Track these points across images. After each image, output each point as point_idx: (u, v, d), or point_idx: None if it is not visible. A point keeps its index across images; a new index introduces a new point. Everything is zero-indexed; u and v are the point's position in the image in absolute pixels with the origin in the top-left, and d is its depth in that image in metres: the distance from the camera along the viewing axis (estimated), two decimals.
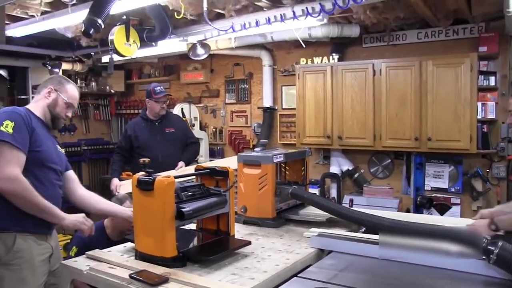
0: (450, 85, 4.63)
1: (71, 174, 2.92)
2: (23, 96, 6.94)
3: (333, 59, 5.64)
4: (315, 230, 2.60)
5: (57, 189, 2.71)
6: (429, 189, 5.16)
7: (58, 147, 2.82)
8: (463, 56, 4.60)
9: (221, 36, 5.72)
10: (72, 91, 2.78)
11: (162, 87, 4.82)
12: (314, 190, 4.99)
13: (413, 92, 4.83)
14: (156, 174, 2.16)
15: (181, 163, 4.63)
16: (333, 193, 5.63)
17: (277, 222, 2.92)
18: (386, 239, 2.22)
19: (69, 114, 2.80)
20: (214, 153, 7.04)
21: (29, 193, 2.43)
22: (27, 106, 2.72)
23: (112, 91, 8.14)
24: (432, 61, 4.72)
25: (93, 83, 8.04)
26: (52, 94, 2.73)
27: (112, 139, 8.31)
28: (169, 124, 4.89)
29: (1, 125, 2.42)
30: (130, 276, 1.96)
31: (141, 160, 2.22)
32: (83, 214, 2.64)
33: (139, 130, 4.82)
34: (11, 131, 2.42)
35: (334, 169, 5.75)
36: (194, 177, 2.60)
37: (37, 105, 2.73)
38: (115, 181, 4.77)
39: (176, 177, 2.18)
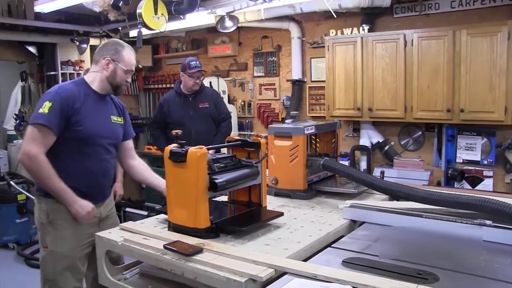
0: (485, 55, 4.49)
1: (126, 144, 3.00)
2: (52, 73, 7.02)
3: (363, 30, 5.53)
4: (350, 202, 2.60)
5: (105, 164, 2.80)
6: (461, 161, 5.07)
7: (114, 118, 2.86)
8: (500, 24, 4.44)
9: (250, 8, 5.68)
10: (129, 56, 2.77)
11: (197, 62, 4.76)
12: (344, 163, 4.96)
13: (445, 62, 4.71)
14: (188, 146, 2.17)
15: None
16: (363, 165, 5.58)
17: (308, 193, 2.93)
18: None
19: (129, 80, 2.83)
20: (243, 127, 7.05)
21: (44, 174, 2.53)
22: (85, 77, 2.79)
23: (140, 66, 8.15)
24: (467, 30, 4.57)
25: None
26: (111, 65, 2.73)
27: (140, 114, 8.38)
28: (202, 98, 4.86)
29: (41, 106, 2.54)
30: (164, 247, 1.99)
31: (173, 132, 2.24)
32: (92, 206, 2.68)
33: (172, 105, 4.80)
34: (47, 111, 2.51)
35: (364, 141, 5.70)
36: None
37: (95, 77, 2.77)
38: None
39: (208, 148, 2.19)
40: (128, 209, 6.59)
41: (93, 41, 7.05)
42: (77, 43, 6.83)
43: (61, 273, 2.65)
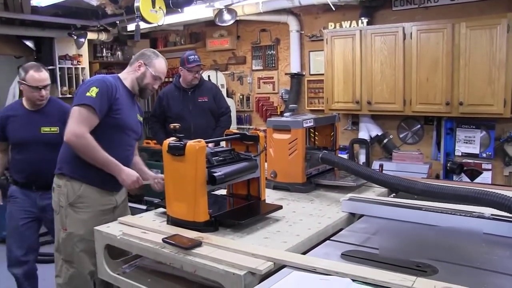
0: (485, 48, 4.48)
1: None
2: (50, 67, 6.98)
3: (362, 23, 5.51)
4: (349, 195, 2.59)
5: (127, 153, 2.94)
6: (460, 154, 5.07)
7: (139, 116, 3.05)
8: (499, 16, 4.43)
9: (248, 1, 5.66)
10: (160, 65, 2.99)
11: (196, 56, 4.73)
12: (343, 156, 4.95)
13: (444, 55, 4.70)
14: (186, 140, 2.17)
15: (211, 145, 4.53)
16: (362, 158, 5.58)
17: (307, 187, 2.93)
18: None
19: (156, 86, 3.01)
20: (241, 120, 7.04)
21: (90, 149, 2.67)
22: (120, 75, 2.98)
23: None
24: (466, 23, 4.56)
25: (119, 53, 8.05)
26: (142, 68, 2.94)
27: None
28: (202, 92, 4.84)
29: (88, 90, 2.69)
30: (163, 240, 1.99)
31: (171, 125, 2.23)
32: (136, 175, 2.81)
33: (172, 99, 4.77)
34: (94, 95, 2.67)
35: (362, 134, 5.69)
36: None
37: (128, 76, 2.97)
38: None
39: (206, 142, 2.18)
40: None
41: (90, 35, 7.03)
42: (75, 37, 6.81)
43: (79, 254, 2.75)
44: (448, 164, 5.02)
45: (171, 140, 2.19)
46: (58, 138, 3.16)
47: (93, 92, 2.68)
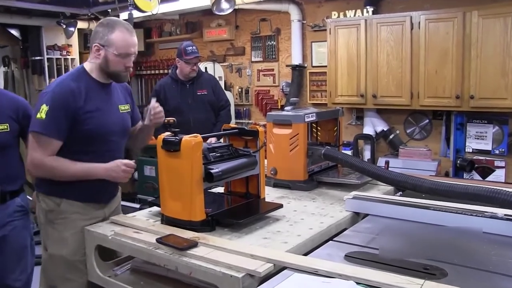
0: (498, 38, 4.46)
1: (134, 129, 2.85)
2: (37, 57, 6.99)
3: (367, 12, 5.49)
4: (353, 193, 2.60)
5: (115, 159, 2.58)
6: (470, 151, 5.07)
7: (122, 107, 2.67)
8: None
9: None
10: (120, 38, 2.46)
11: (194, 47, 4.71)
12: (347, 152, 4.96)
13: (455, 46, 4.69)
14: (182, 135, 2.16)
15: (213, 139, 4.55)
16: (367, 155, 5.59)
17: (309, 184, 2.93)
18: None
19: (129, 64, 2.53)
20: (240, 114, 7.04)
21: (56, 172, 2.42)
22: (85, 65, 2.59)
23: None
24: (478, 11, 4.54)
25: None
26: (100, 51, 2.49)
27: None
28: (201, 85, 4.83)
29: (38, 110, 2.37)
30: (157, 241, 1.99)
31: (166, 119, 2.23)
32: (122, 162, 2.46)
33: (169, 92, 4.74)
34: (43, 116, 2.34)
35: (367, 130, 5.69)
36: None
37: (92, 65, 2.56)
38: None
39: (203, 137, 2.18)
40: None
41: (81, 24, 7.01)
42: (64, 26, 6.79)
43: (63, 278, 2.48)
44: (458, 161, 5.02)
45: (165, 135, 2.18)
46: (7, 137, 2.90)
47: (42, 112, 2.34)
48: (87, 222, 2.49)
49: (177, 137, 2.12)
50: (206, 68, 6.59)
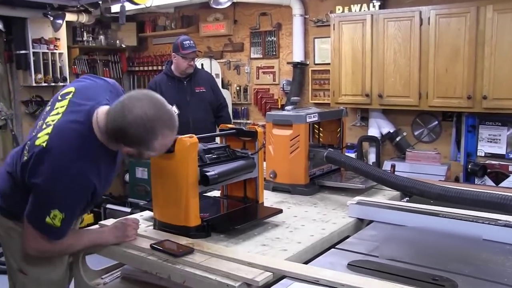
0: None
1: None
2: (22, 51, 6.94)
3: (374, 6, 5.50)
4: (356, 198, 2.60)
5: None
6: (483, 155, 5.07)
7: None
8: None
9: None
10: (163, 144, 2.00)
11: (192, 42, 4.71)
12: (351, 155, 4.96)
13: (467, 43, 4.69)
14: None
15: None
16: (372, 158, 5.59)
17: (310, 189, 2.93)
18: None
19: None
20: (238, 114, 7.04)
21: (66, 252, 2.25)
22: (96, 128, 2.04)
23: (123, 46, 8.13)
24: (493, 5, 4.53)
25: (102, 37, 8.03)
26: (135, 152, 2.03)
27: None
28: (198, 82, 4.83)
29: (47, 214, 1.95)
30: (152, 246, 2.00)
31: None
32: (126, 224, 2.24)
33: (166, 90, 4.66)
34: (58, 224, 1.97)
35: (372, 131, 5.69)
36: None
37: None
38: None
39: (199, 137, 2.18)
40: (109, 206, 6.60)
41: (69, 17, 6.99)
42: (51, 18, 6.76)
43: None
44: (469, 166, 5.02)
45: None
46: None
47: (56, 220, 1.95)
48: None
49: None
50: (202, 64, 6.60)
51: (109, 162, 2.15)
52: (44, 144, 1.95)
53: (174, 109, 2.31)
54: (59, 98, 2.17)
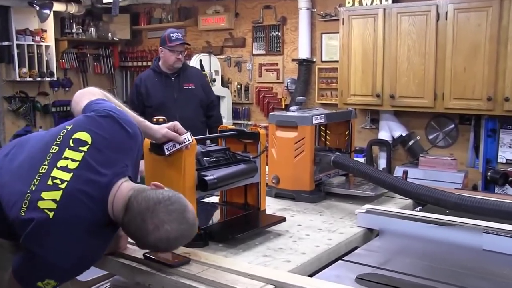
0: None
1: None
2: (5, 43, 6.93)
3: (386, 0, 5.53)
4: (366, 206, 2.60)
5: None
6: (504, 161, 5.08)
7: None
8: None
9: None
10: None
11: (180, 34, 4.75)
12: (360, 160, 4.97)
13: (488, 40, 4.70)
14: None
15: None
16: (382, 163, 5.60)
17: (315, 195, 2.93)
18: None
19: None
20: (238, 114, 7.06)
21: None
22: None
23: (116, 39, 8.16)
24: None
25: (92, 29, 8.06)
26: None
27: (115, 97, 8.35)
28: (187, 79, 4.86)
29: (40, 279, 1.90)
30: (145, 256, 1.99)
31: (155, 118, 2.24)
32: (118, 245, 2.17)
33: (151, 86, 4.76)
34: None
35: (383, 135, 5.71)
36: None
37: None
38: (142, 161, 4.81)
39: (197, 139, 2.19)
40: None
41: (57, 6, 6.99)
42: (37, 8, 6.77)
43: None
44: (489, 173, 5.02)
45: None
46: None
47: (49, 286, 1.91)
48: None
49: None
50: (200, 60, 6.61)
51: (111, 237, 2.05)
52: (50, 214, 1.83)
53: (188, 136, 2.15)
54: (71, 144, 1.95)
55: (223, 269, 1.87)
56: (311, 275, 1.92)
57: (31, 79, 7.06)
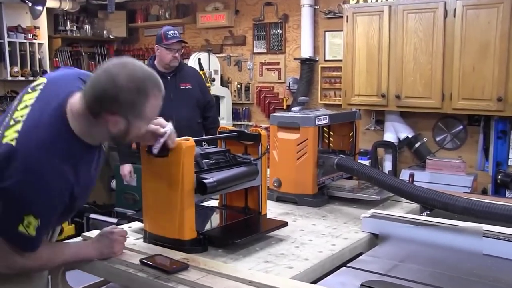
0: None
1: None
2: None
3: None
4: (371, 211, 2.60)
5: None
6: None
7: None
8: None
9: None
10: (153, 107, 2.03)
11: (176, 32, 4.77)
12: (364, 162, 4.96)
13: (498, 38, 4.68)
14: None
15: None
16: (387, 166, 5.59)
17: (318, 199, 2.94)
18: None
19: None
20: (238, 115, 7.06)
21: (45, 267, 2.21)
22: (71, 119, 1.99)
23: (111, 37, 8.16)
24: None
25: (87, 26, 8.04)
26: (121, 123, 1.95)
27: None
28: (184, 78, 4.88)
29: (20, 220, 1.90)
30: (142, 262, 1.99)
31: None
32: (107, 231, 2.25)
33: None
34: (33, 233, 1.93)
35: (389, 136, 5.70)
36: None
37: (84, 126, 2.03)
38: (127, 167, 4.84)
39: (196, 140, 2.19)
40: (92, 215, 6.59)
41: (50, 3, 6.99)
42: (30, 4, 6.75)
43: None
44: (499, 177, 5.01)
45: None
46: None
47: (30, 228, 1.91)
48: None
49: None
50: (199, 59, 6.61)
51: (87, 159, 2.09)
52: (13, 143, 1.89)
53: (169, 127, 2.20)
54: (29, 90, 2.10)
55: (222, 276, 1.87)
56: (314, 282, 1.92)
57: (23, 78, 7.02)
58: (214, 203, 2.78)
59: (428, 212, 2.78)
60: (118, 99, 1.88)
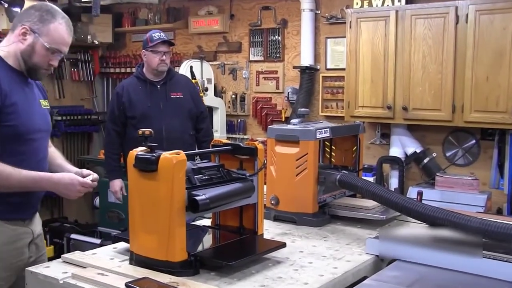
0: None
1: None
2: None
3: (399, 1, 5.55)
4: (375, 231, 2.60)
5: (41, 163, 2.76)
6: None
7: (43, 102, 2.87)
8: None
9: None
10: (58, 32, 2.68)
11: (163, 34, 4.80)
12: (369, 179, 4.97)
13: None
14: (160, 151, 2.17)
15: None
16: (394, 183, 5.60)
17: (319, 219, 2.94)
18: None
19: (54, 63, 2.75)
20: (233, 128, 7.06)
21: None
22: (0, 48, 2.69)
23: (96, 42, 8.15)
24: None
25: None
26: (28, 37, 2.64)
27: (95, 107, 8.37)
28: (175, 87, 4.89)
29: None
30: (127, 286, 1.99)
31: (140, 131, 2.24)
32: (78, 180, 2.61)
33: (135, 95, 4.80)
34: None
35: (395, 151, 5.72)
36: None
37: (9, 49, 2.68)
38: (118, 182, 4.83)
39: (187, 154, 2.19)
40: (73, 236, 6.57)
41: (29, 4, 6.98)
42: (6, 5, 6.76)
43: None
44: None
45: (139, 150, 2.19)
46: None
47: None
48: (13, 246, 2.64)
49: (154, 154, 2.13)
50: (191, 67, 6.61)
51: (18, 82, 2.68)
52: None
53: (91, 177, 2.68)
54: None
55: None
56: None
57: None
58: (206, 222, 2.78)
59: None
60: (30, 13, 2.66)
